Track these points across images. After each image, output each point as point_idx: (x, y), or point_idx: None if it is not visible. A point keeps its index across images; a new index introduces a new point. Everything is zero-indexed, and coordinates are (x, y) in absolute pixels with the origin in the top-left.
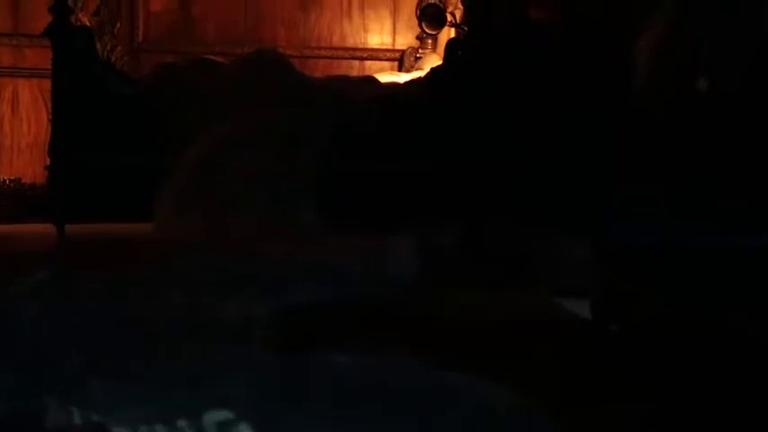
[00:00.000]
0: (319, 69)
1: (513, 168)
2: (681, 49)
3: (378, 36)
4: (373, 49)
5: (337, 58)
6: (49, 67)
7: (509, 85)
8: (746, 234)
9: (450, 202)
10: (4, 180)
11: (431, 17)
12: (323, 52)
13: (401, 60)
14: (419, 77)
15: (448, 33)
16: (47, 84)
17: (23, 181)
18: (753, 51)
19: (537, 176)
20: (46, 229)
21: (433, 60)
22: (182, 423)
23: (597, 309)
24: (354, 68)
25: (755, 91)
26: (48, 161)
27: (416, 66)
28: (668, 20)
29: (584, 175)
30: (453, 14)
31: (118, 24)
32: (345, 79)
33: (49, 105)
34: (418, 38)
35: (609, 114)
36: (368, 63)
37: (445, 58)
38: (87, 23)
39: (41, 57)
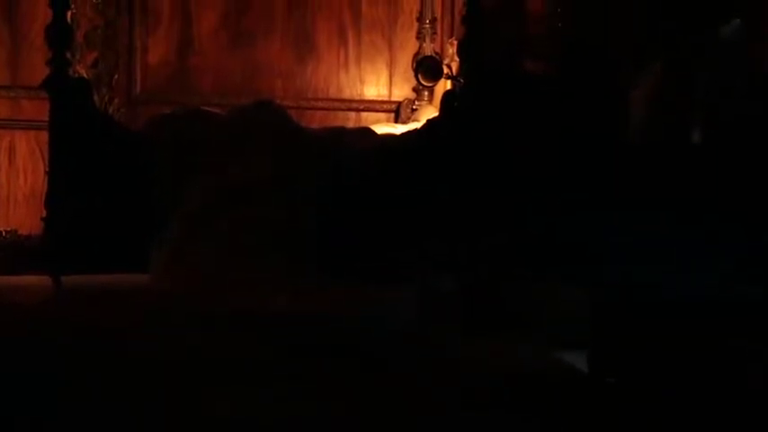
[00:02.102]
0: (316, 120)
1: (508, 218)
2: (673, 99)
3: (374, 88)
4: (370, 101)
5: (334, 109)
6: (47, 118)
7: (505, 136)
8: (744, 284)
9: (447, 251)
10: (1, 231)
11: (427, 69)
12: (320, 103)
13: (397, 112)
14: (415, 129)
15: (444, 85)
16: (44, 135)
17: (20, 232)
18: (741, 100)
19: (533, 226)
20: (42, 280)
21: (430, 112)
22: None
23: (594, 361)
24: (351, 120)
25: (746, 139)
26: (44, 213)
27: (413, 117)
28: (660, 72)
29: (579, 224)
30: (449, 67)
31: (115, 76)
32: (342, 130)
33: (46, 157)
34: (414, 90)
35: (604, 164)
36: (364, 114)
37: (441, 110)
38: (85, 75)
39: (39, 109)
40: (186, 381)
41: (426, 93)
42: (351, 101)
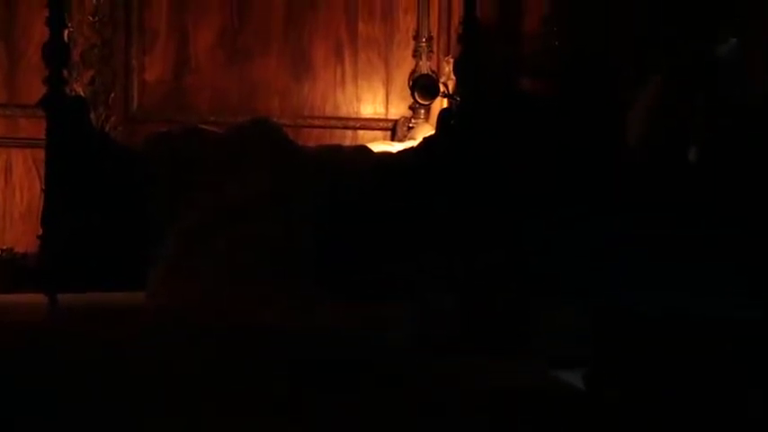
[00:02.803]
0: (313, 139)
1: (505, 234)
2: (671, 115)
3: (371, 106)
4: (366, 119)
5: (330, 127)
6: (44, 137)
7: (501, 154)
8: (743, 303)
9: (445, 268)
10: None
11: (423, 88)
12: (316, 122)
13: (394, 130)
14: (412, 147)
15: (440, 103)
16: (41, 153)
17: (16, 250)
18: (736, 120)
19: (530, 245)
20: (39, 299)
21: (426, 130)
22: None
23: (590, 379)
24: (347, 138)
25: (743, 159)
26: (41, 230)
27: (409, 135)
28: (657, 92)
29: (576, 242)
30: (446, 85)
31: (112, 94)
32: (339, 148)
33: (43, 175)
34: (411, 108)
35: (601, 180)
36: (361, 132)
37: (438, 128)
38: (82, 94)
39: (36, 127)
40: (185, 396)
41: (423, 111)
42: (347, 119)
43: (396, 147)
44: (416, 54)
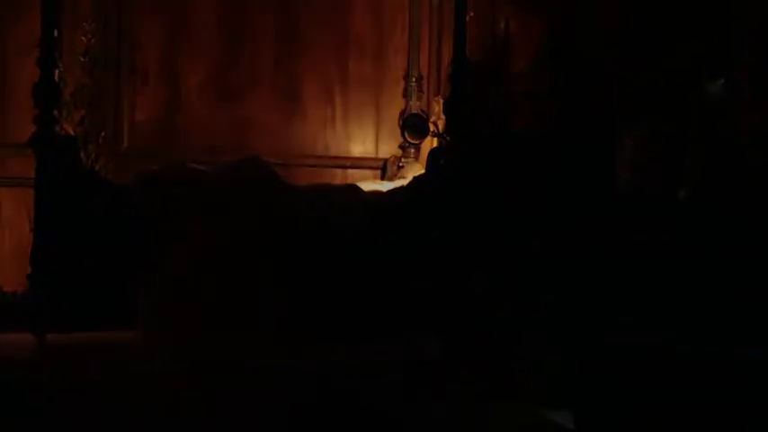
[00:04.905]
0: (303, 178)
1: (496, 276)
2: (658, 158)
3: (361, 145)
4: (356, 158)
5: (321, 166)
6: (33, 176)
7: (492, 193)
8: (733, 344)
9: (434, 311)
10: None
11: (413, 127)
12: (307, 161)
13: (384, 169)
14: (402, 186)
15: (430, 143)
16: (30, 193)
17: (5, 290)
18: (727, 160)
19: (520, 285)
20: (27, 338)
21: (416, 169)
22: None
23: (580, 419)
24: (337, 177)
25: (733, 199)
26: (29, 270)
27: (399, 174)
28: (646, 130)
29: (565, 283)
30: (436, 124)
31: (102, 133)
32: (329, 187)
33: (32, 214)
34: (401, 147)
35: (590, 222)
36: (351, 171)
37: (427, 167)
38: (72, 133)
39: (25, 166)
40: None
41: (413, 150)
42: (338, 158)
43: (386, 186)
44: (406, 94)
